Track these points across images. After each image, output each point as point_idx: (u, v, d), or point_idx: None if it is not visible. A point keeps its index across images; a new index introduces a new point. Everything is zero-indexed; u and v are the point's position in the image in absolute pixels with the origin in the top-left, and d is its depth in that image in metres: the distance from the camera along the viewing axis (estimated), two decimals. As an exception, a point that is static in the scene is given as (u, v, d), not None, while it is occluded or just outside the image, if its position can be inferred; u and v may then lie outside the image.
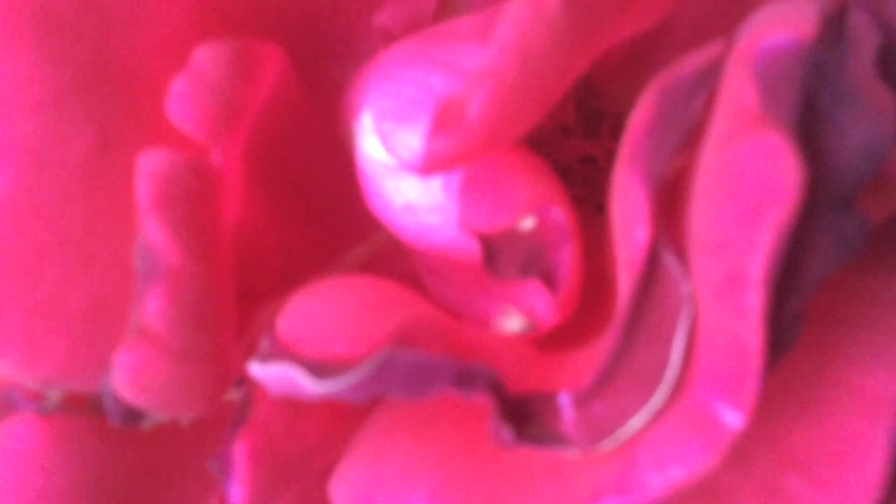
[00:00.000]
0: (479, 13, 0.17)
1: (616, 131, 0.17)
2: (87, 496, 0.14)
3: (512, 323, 0.15)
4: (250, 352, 0.15)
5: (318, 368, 0.12)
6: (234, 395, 0.15)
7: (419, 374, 0.11)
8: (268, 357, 0.13)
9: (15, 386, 0.14)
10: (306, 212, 0.17)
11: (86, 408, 0.15)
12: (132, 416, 0.14)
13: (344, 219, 0.18)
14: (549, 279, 0.14)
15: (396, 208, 0.15)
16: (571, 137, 0.18)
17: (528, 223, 0.13)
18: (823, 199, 0.12)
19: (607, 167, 0.16)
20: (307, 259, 0.17)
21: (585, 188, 0.18)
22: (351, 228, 0.18)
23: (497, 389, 0.12)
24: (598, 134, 0.19)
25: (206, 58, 0.13)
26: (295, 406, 0.15)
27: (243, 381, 0.15)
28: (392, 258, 0.18)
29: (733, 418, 0.11)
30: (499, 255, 0.14)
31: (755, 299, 0.11)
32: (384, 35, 0.18)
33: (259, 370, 0.13)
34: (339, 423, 0.16)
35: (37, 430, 0.14)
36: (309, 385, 0.11)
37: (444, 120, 0.12)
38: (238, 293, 0.15)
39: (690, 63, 0.13)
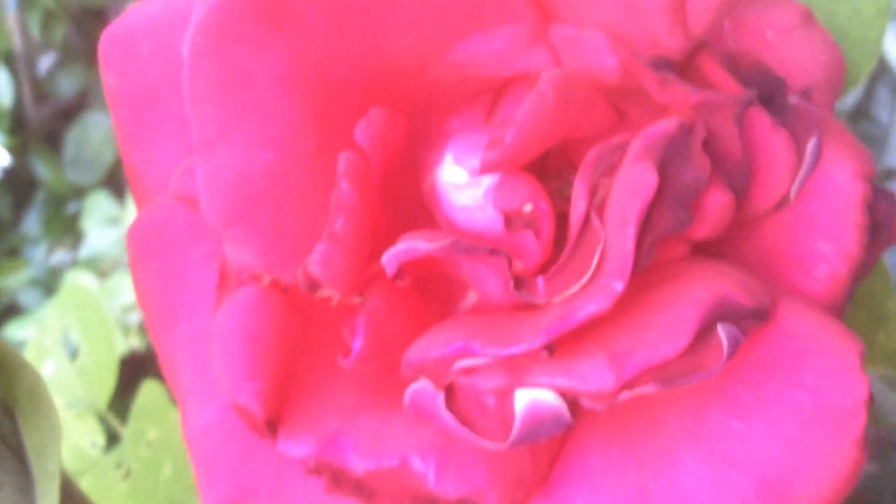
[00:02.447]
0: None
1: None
2: (282, 312, 0.26)
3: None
4: (367, 281, 0.27)
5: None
6: (356, 299, 0.27)
7: (472, 247, 0.24)
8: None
9: (248, 269, 0.26)
10: (398, 212, 0.30)
11: (282, 285, 0.27)
12: (314, 286, 0.26)
13: (415, 222, 0.30)
14: (537, 234, 0.26)
15: (457, 209, 0.28)
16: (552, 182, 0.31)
17: (528, 206, 0.26)
18: (670, 198, 0.25)
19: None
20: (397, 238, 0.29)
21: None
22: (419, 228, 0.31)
23: (509, 263, 0.24)
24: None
25: (376, 114, 0.27)
26: (389, 307, 0.27)
27: (362, 293, 0.27)
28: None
29: (618, 286, 0.23)
30: (512, 222, 0.26)
31: (631, 231, 0.24)
32: (448, 133, 0.32)
33: (389, 253, 0.25)
34: (415, 322, 0.28)
35: (258, 293, 0.26)
36: (422, 245, 0.24)
37: (493, 143, 0.25)
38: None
39: (617, 138, 0.26)
